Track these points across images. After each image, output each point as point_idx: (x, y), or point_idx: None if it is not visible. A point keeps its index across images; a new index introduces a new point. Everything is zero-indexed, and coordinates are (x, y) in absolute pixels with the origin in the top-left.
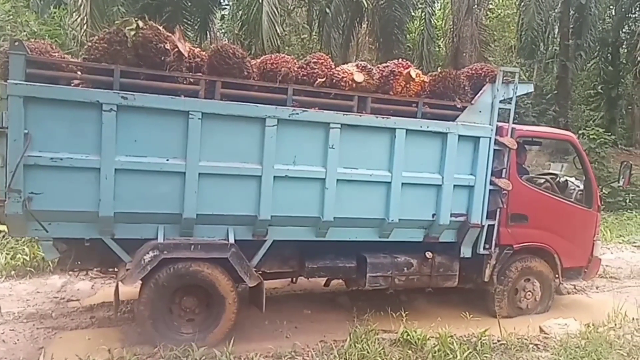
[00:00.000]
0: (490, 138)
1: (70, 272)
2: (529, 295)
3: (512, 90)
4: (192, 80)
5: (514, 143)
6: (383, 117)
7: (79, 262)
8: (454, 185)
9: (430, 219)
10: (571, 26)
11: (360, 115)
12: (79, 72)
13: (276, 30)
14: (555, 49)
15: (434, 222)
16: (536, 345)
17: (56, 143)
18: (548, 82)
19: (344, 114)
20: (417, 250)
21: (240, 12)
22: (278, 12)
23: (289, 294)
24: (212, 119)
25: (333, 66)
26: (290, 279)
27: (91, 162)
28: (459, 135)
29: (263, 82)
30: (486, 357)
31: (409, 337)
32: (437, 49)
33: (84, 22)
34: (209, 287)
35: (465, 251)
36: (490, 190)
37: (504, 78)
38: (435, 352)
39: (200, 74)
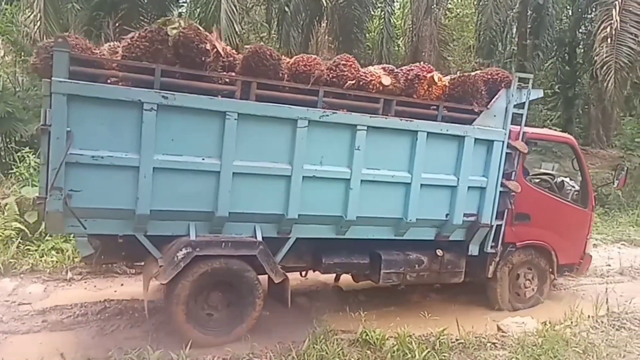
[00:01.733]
0: (503, 142)
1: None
2: (528, 289)
3: (525, 96)
4: (227, 80)
5: (525, 147)
6: (406, 120)
7: (103, 257)
8: (468, 187)
9: (444, 218)
10: (529, 26)
11: (386, 118)
12: (119, 72)
13: (235, 28)
14: (514, 49)
15: (447, 221)
16: (494, 343)
17: (97, 141)
18: None
19: (370, 117)
20: (427, 247)
21: (198, 10)
22: (236, 10)
23: None
24: (247, 120)
25: (360, 68)
26: (300, 273)
27: (130, 160)
28: (475, 139)
29: (295, 84)
30: (444, 356)
31: (367, 337)
32: (397, 49)
33: (38, 18)
34: (237, 283)
35: (473, 249)
36: (500, 191)
37: (518, 83)
38: (394, 352)
39: (232, 73)
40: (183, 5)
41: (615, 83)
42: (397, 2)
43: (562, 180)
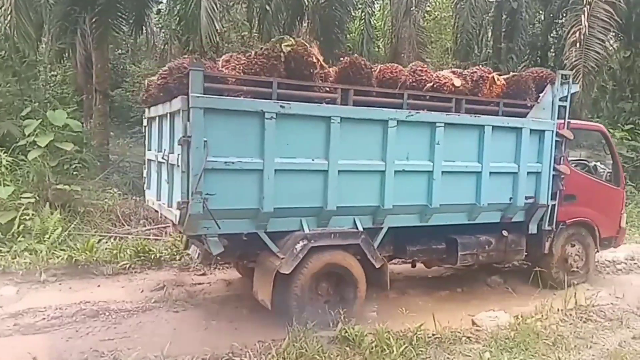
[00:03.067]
0: (552, 131)
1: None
2: (577, 263)
3: (567, 90)
4: (327, 89)
5: (571, 134)
6: (475, 116)
7: (220, 258)
8: (527, 172)
9: (508, 202)
10: (503, 30)
11: (459, 115)
12: (243, 87)
13: (215, 26)
14: (489, 52)
15: (510, 204)
16: (468, 337)
17: (227, 148)
18: None
19: (446, 114)
20: (494, 230)
21: (177, 7)
22: (217, 8)
23: (227, 295)
24: (348, 123)
25: (433, 72)
26: None
27: (256, 164)
28: (530, 130)
29: (384, 89)
30: (421, 350)
31: (346, 334)
32: (377, 50)
33: (9, 12)
34: (343, 271)
35: (532, 228)
36: (552, 175)
37: (561, 80)
38: (372, 348)
39: (328, 82)
40: (162, 2)
41: (584, 86)
42: (377, 3)
43: (595, 165)
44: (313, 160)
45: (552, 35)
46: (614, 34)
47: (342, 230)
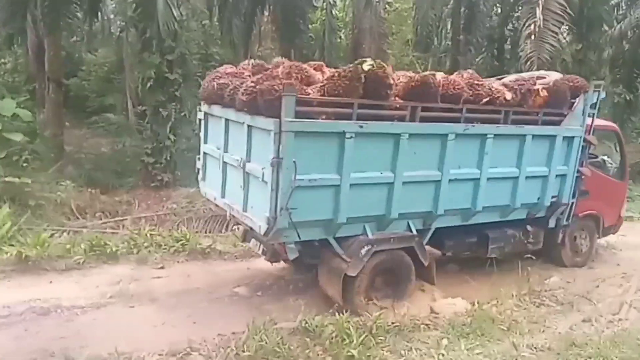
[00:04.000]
0: (581, 137)
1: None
2: (583, 247)
3: (597, 98)
4: (397, 106)
5: (596, 140)
6: (519, 127)
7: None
8: (555, 175)
9: (536, 201)
10: (462, 22)
11: (507, 126)
12: (327, 108)
13: (173, 13)
14: (448, 44)
15: (537, 204)
16: (427, 325)
17: (311, 167)
18: None
19: (497, 126)
20: (518, 225)
21: None
22: None
23: (187, 290)
24: (414, 138)
25: (487, 85)
26: None
27: (334, 180)
28: (563, 136)
29: (446, 105)
30: (381, 339)
31: (307, 325)
32: (339, 40)
33: None
34: (398, 269)
35: (552, 223)
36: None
37: (593, 88)
38: (332, 339)
39: (396, 98)
40: None
41: None
42: None
43: (603, 159)
44: (381, 173)
45: (508, 28)
46: (567, 27)
47: (399, 235)
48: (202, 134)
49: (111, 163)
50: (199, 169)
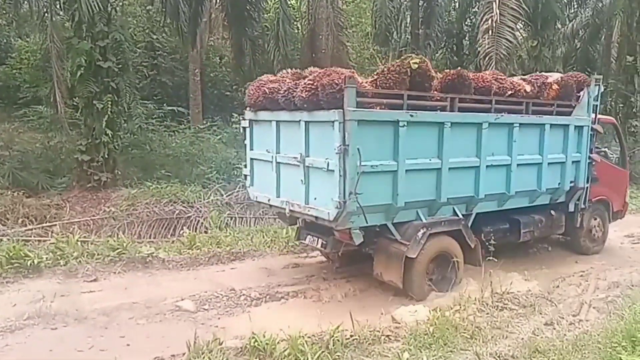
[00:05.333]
0: (589, 126)
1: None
2: (597, 233)
3: (598, 91)
4: (438, 98)
5: (602, 129)
6: (538, 116)
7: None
8: (572, 162)
9: (557, 186)
10: (421, 16)
11: (529, 116)
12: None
13: None
14: (407, 38)
15: (558, 188)
16: (388, 336)
17: (371, 154)
18: None
19: (521, 116)
20: (542, 210)
21: None
22: None
23: (123, 305)
24: (455, 127)
25: (509, 80)
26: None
27: (391, 166)
28: (575, 126)
29: (478, 96)
30: (338, 355)
31: (256, 343)
32: (295, 31)
33: None
34: (448, 252)
35: (571, 207)
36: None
37: (595, 83)
38: (285, 357)
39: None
40: None
41: None
42: None
43: (605, 150)
44: (430, 160)
45: (466, 23)
46: (522, 23)
47: (448, 218)
48: (247, 142)
49: (42, 161)
50: (246, 176)
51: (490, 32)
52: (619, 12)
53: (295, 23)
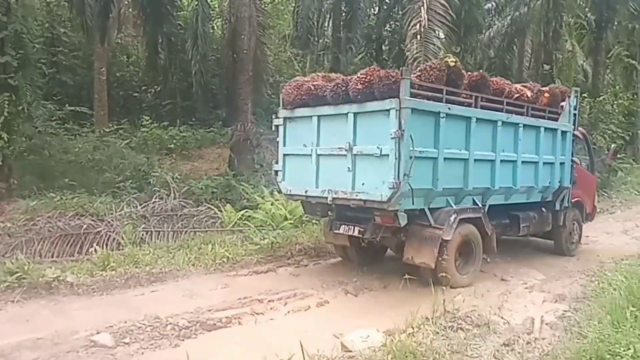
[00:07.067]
0: (571, 132)
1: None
2: (575, 235)
3: (577, 101)
4: (464, 95)
5: (581, 134)
6: (537, 119)
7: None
8: (559, 163)
9: (548, 185)
10: (343, 19)
11: (529, 118)
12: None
13: None
14: (327, 41)
15: (549, 187)
16: None
17: (419, 140)
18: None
19: (524, 117)
20: (535, 208)
21: None
22: None
23: (23, 342)
24: (479, 122)
25: (513, 85)
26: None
27: (433, 153)
28: (561, 130)
29: (495, 97)
30: None
31: None
32: (217, 30)
33: None
34: (472, 237)
35: (557, 205)
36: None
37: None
38: None
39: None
40: None
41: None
42: None
43: (577, 157)
44: (460, 150)
45: (386, 29)
46: (447, 29)
47: (471, 207)
48: (280, 139)
49: None
50: (276, 172)
51: (418, 36)
52: (536, 22)
53: (214, 21)
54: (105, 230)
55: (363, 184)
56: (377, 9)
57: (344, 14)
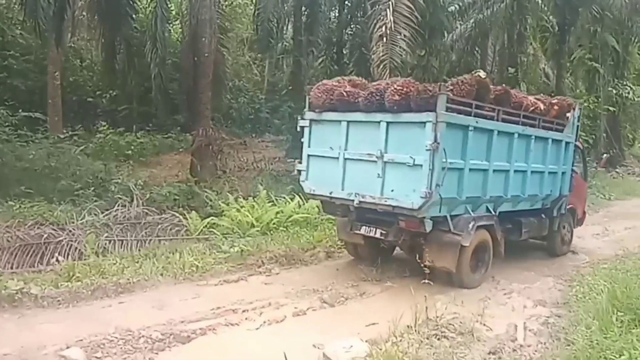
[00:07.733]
0: (574, 143)
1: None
2: (567, 237)
3: (580, 113)
4: (488, 109)
5: (582, 145)
6: (546, 131)
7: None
8: (562, 172)
9: (549, 193)
10: (304, 22)
11: (540, 130)
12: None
13: None
14: (286, 45)
15: (550, 195)
16: None
17: (449, 152)
18: (281, 77)
19: (535, 129)
20: (535, 214)
21: None
22: None
23: None
24: (500, 135)
25: (526, 98)
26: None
27: (459, 164)
28: (565, 142)
29: (512, 110)
30: None
31: None
32: (170, 33)
33: None
34: (485, 242)
35: (555, 212)
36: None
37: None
38: None
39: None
40: None
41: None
42: None
43: None
44: (482, 161)
45: (347, 32)
46: (413, 31)
47: (486, 214)
48: (305, 140)
49: None
50: (300, 171)
51: (384, 39)
52: (500, 25)
53: (173, 23)
54: (66, 240)
55: (392, 190)
56: (337, 12)
57: (304, 17)
